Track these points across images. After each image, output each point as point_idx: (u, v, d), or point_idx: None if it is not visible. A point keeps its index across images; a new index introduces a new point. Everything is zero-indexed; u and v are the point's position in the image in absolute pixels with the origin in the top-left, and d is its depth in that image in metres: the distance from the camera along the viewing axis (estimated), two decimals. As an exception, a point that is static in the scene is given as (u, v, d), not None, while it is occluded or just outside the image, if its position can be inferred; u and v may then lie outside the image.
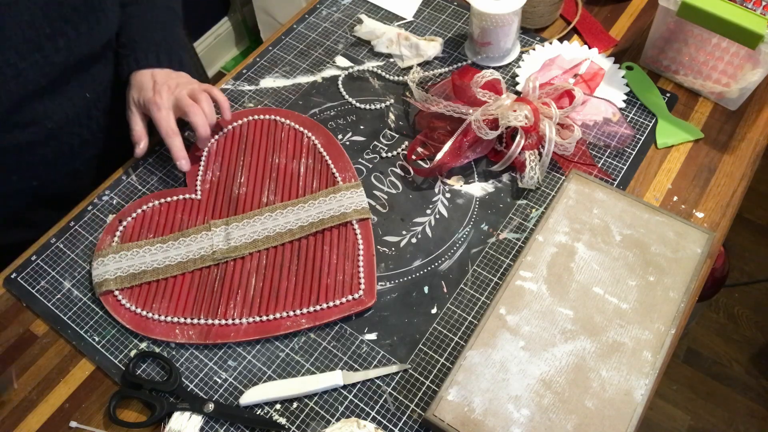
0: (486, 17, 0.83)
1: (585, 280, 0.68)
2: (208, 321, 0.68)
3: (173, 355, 0.67)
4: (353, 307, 0.68)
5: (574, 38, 0.94)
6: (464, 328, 0.68)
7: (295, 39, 0.96)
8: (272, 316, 0.68)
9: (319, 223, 0.74)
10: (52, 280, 0.73)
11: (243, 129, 0.83)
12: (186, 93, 0.73)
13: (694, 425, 1.48)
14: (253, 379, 0.66)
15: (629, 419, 0.59)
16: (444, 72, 0.90)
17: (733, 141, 0.81)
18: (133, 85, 0.75)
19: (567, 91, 0.78)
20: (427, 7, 0.99)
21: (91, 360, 0.68)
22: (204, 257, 0.72)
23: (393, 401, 0.64)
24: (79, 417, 0.65)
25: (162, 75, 0.75)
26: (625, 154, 0.80)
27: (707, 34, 0.79)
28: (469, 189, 0.79)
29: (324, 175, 0.78)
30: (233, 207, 0.76)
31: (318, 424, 0.63)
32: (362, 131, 0.85)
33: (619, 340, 0.64)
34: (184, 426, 0.62)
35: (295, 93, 0.89)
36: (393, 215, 0.77)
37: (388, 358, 0.66)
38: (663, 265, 0.68)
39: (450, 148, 0.78)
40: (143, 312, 0.69)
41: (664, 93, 0.86)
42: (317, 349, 0.67)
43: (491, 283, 0.71)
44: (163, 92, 0.72)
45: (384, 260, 0.73)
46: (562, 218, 0.73)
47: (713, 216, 0.75)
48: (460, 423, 0.60)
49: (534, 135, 0.77)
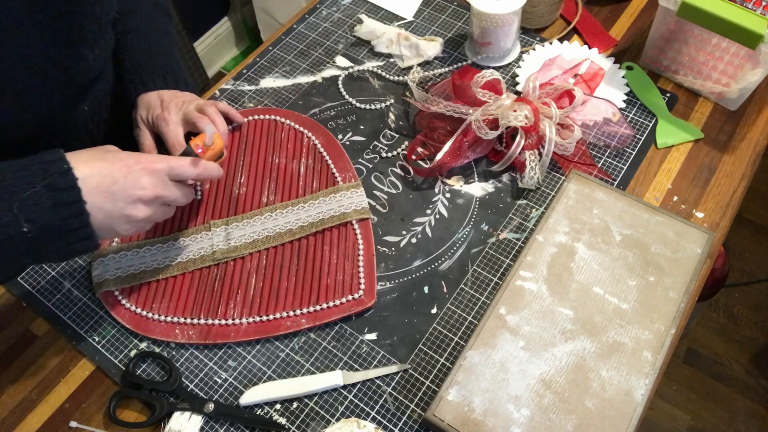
0: (486, 17, 0.83)
1: (585, 280, 0.68)
2: (208, 321, 0.68)
3: (173, 355, 0.67)
4: (353, 307, 0.68)
5: (574, 38, 0.94)
6: (464, 328, 0.68)
7: (295, 39, 0.96)
8: (272, 316, 0.68)
9: (319, 223, 0.74)
10: (52, 280, 0.73)
11: (243, 129, 0.83)
12: (193, 107, 0.74)
13: (694, 425, 1.48)
14: (253, 379, 0.66)
15: (629, 419, 0.59)
16: (444, 72, 0.90)
17: (733, 141, 0.81)
18: (140, 105, 0.76)
19: (567, 91, 0.78)
20: (427, 7, 0.99)
21: (91, 360, 0.68)
22: (204, 257, 0.72)
23: (393, 401, 0.64)
24: (79, 417, 0.65)
25: (169, 94, 0.76)
26: (625, 154, 0.80)
27: (707, 34, 0.79)
28: (469, 189, 0.79)
29: (324, 175, 0.79)
30: (233, 207, 0.76)
31: (318, 424, 0.63)
32: (362, 131, 0.85)
33: (619, 340, 0.64)
34: (184, 426, 0.62)
35: (295, 93, 0.89)
36: (393, 215, 0.77)
37: (388, 358, 0.66)
38: (663, 265, 0.69)
39: (450, 148, 0.78)
40: (143, 312, 0.69)
41: (664, 93, 0.86)
42: (317, 349, 0.67)
43: (491, 283, 0.71)
44: (171, 108, 0.73)
45: (384, 260, 0.73)
46: (562, 218, 0.73)
47: (713, 216, 0.75)
48: (460, 423, 0.60)
49: (534, 135, 0.77)
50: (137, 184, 0.57)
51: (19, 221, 0.51)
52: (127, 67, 0.78)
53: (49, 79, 0.66)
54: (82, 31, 0.67)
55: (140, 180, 0.57)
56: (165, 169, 0.59)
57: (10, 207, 0.51)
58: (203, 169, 0.63)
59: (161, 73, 0.77)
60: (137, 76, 0.77)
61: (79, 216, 0.53)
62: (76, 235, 0.54)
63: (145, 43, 0.79)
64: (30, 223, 0.51)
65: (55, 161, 0.53)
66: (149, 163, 0.58)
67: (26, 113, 0.67)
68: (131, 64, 0.78)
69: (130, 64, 0.78)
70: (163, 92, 0.76)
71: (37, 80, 0.65)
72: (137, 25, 0.79)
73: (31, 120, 0.69)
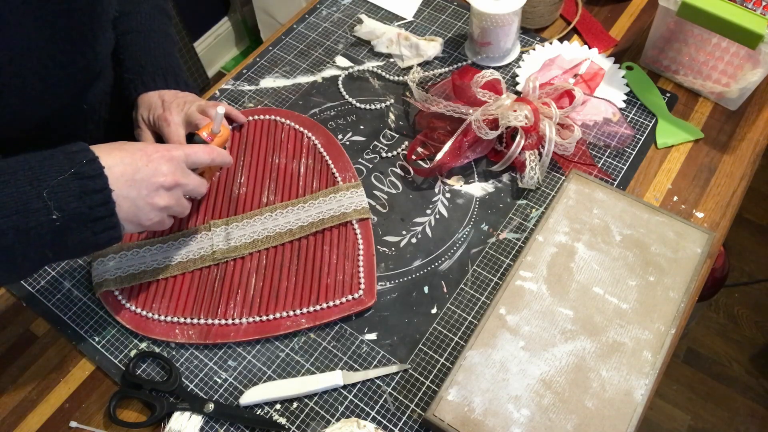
0: (486, 17, 0.83)
1: (585, 280, 0.68)
2: (208, 321, 0.68)
3: (173, 355, 0.67)
4: (353, 306, 0.68)
5: (574, 38, 0.94)
6: (464, 328, 0.68)
7: (295, 39, 0.96)
8: (272, 316, 0.68)
9: (319, 223, 0.74)
10: (52, 280, 0.73)
11: (243, 129, 0.83)
12: (194, 108, 0.74)
13: (694, 425, 1.48)
14: (253, 379, 0.66)
15: (629, 419, 0.59)
16: (444, 72, 0.90)
17: (733, 141, 0.81)
18: (140, 106, 0.76)
19: (567, 91, 0.78)
20: (427, 7, 0.99)
21: (91, 360, 0.68)
22: (204, 257, 0.72)
23: (393, 401, 0.64)
24: (79, 417, 0.65)
25: (170, 94, 0.76)
26: (625, 154, 0.80)
27: (707, 34, 0.79)
28: (469, 189, 0.79)
29: (324, 175, 0.79)
30: (233, 207, 0.76)
31: (318, 424, 0.63)
32: (362, 131, 0.85)
33: (619, 340, 0.64)
34: (184, 426, 0.62)
35: (295, 93, 0.89)
36: (393, 215, 0.77)
37: (388, 358, 0.66)
38: (663, 265, 0.69)
39: (450, 148, 0.78)
40: (143, 312, 0.69)
41: (664, 93, 0.86)
42: (317, 349, 0.67)
43: (491, 283, 0.71)
44: (173, 109, 0.73)
45: (384, 260, 0.73)
46: (562, 218, 0.73)
47: (713, 216, 0.75)
48: (460, 423, 0.60)
49: (534, 135, 0.77)
50: (158, 171, 0.58)
51: (49, 208, 0.51)
52: (127, 67, 0.78)
53: (49, 76, 0.66)
54: (81, 28, 0.67)
55: (161, 167, 0.59)
56: (182, 156, 0.62)
57: (39, 193, 0.51)
58: (217, 154, 0.65)
59: (162, 73, 0.77)
60: (138, 76, 0.77)
61: (105, 204, 0.54)
62: (102, 224, 0.55)
63: (146, 43, 0.79)
64: (59, 210, 0.51)
65: (80, 151, 0.54)
66: (167, 151, 0.60)
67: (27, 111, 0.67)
68: (131, 64, 0.78)
69: (131, 64, 0.78)
70: (164, 92, 0.76)
71: (37, 77, 0.65)
72: (137, 26, 0.80)
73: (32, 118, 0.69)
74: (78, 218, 0.53)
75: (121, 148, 0.58)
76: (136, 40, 0.79)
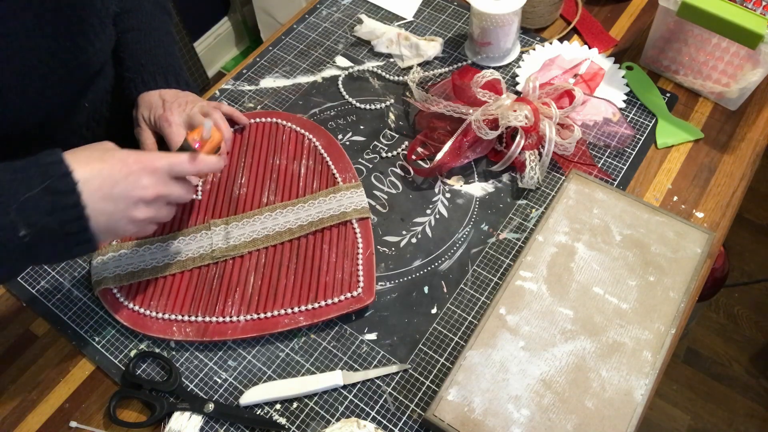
0: (486, 17, 0.83)
1: (585, 280, 0.68)
2: (206, 318, 0.68)
3: (173, 355, 0.67)
4: (352, 304, 0.68)
5: (574, 38, 0.94)
6: (464, 328, 0.68)
7: (295, 39, 0.96)
8: (270, 314, 0.68)
9: (318, 223, 0.74)
10: (52, 280, 0.73)
11: (244, 131, 0.83)
12: (197, 110, 0.74)
13: (694, 425, 1.48)
14: (253, 379, 0.66)
15: (629, 419, 0.59)
16: (444, 72, 0.90)
17: (733, 141, 0.81)
18: (141, 105, 0.75)
19: (567, 91, 0.78)
20: (427, 7, 0.99)
21: (91, 360, 0.68)
22: (203, 256, 0.72)
23: (393, 401, 0.64)
24: (79, 417, 0.65)
25: (170, 94, 0.75)
26: (625, 154, 0.80)
27: (707, 34, 0.79)
28: (469, 189, 0.79)
29: (324, 176, 0.79)
30: (233, 207, 0.76)
31: (318, 424, 0.63)
32: (362, 131, 0.85)
33: (619, 340, 0.64)
34: (184, 426, 0.62)
35: (295, 93, 0.89)
36: (393, 215, 0.77)
37: (388, 358, 0.66)
38: (663, 265, 0.68)
39: (450, 148, 0.78)
40: (141, 309, 0.68)
41: (664, 93, 0.86)
42: (317, 349, 0.67)
43: (491, 283, 0.71)
44: (174, 109, 0.73)
45: (384, 260, 0.73)
46: (562, 218, 0.73)
47: (713, 216, 0.75)
48: (460, 423, 0.60)
49: (534, 135, 0.77)
50: (138, 184, 0.56)
51: (15, 225, 0.50)
52: (127, 66, 0.78)
53: (50, 72, 0.66)
54: (82, 24, 0.67)
55: (141, 180, 0.56)
56: (165, 167, 0.58)
57: (7, 210, 0.50)
58: (203, 164, 0.62)
59: (162, 72, 0.77)
60: (138, 74, 0.77)
61: (77, 220, 0.52)
62: (75, 239, 0.53)
63: (146, 41, 0.79)
64: (28, 227, 0.50)
65: (54, 163, 0.52)
66: (149, 162, 0.57)
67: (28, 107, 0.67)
68: (132, 62, 0.78)
69: (131, 62, 0.78)
70: (165, 92, 0.76)
71: (38, 73, 0.65)
72: (138, 24, 0.79)
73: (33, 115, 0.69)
74: (48, 234, 0.51)
75: (100, 158, 0.55)
76: (137, 39, 0.79)
